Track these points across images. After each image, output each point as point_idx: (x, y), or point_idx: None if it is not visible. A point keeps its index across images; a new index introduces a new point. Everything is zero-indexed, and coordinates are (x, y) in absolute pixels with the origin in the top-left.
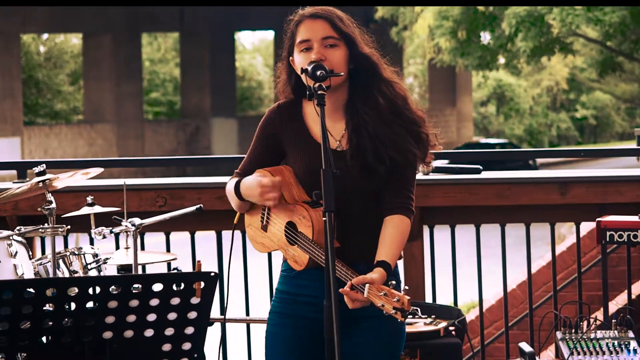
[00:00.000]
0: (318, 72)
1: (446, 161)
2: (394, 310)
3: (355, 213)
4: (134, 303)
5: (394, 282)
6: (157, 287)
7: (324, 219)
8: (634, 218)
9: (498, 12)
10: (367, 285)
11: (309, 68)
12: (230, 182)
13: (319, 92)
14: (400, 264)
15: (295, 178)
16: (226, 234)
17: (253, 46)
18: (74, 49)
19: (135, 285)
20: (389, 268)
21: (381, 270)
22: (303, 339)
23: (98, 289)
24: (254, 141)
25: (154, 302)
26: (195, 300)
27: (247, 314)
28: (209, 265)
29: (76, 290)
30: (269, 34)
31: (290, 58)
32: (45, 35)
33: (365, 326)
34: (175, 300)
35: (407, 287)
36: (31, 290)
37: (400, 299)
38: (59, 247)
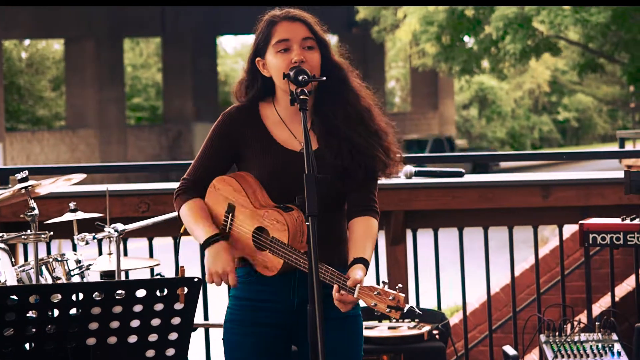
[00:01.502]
0: (300, 77)
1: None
2: (388, 309)
3: (325, 215)
4: (118, 309)
5: (386, 282)
6: (141, 293)
7: (307, 223)
8: (617, 220)
9: (482, 17)
10: (357, 285)
11: (291, 73)
12: (183, 206)
13: (302, 97)
14: (384, 267)
15: (258, 183)
16: None
17: (235, 51)
18: (56, 55)
19: (119, 292)
20: (368, 265)
21: (363, 267)
22: (266, 345)
23: (81, 296)
24: (206, 145)
25: (138, 308)
26: (178, 305)
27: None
28: (192, 270)
29: (59, 296)
30: (251, 39)
31: (257, 59)
32: (27, 41)
33: (328, 327)
34: (159, 306)
35: (401, 285)
36: (14, 297)
37: (395, 297)
38: (42, 253)
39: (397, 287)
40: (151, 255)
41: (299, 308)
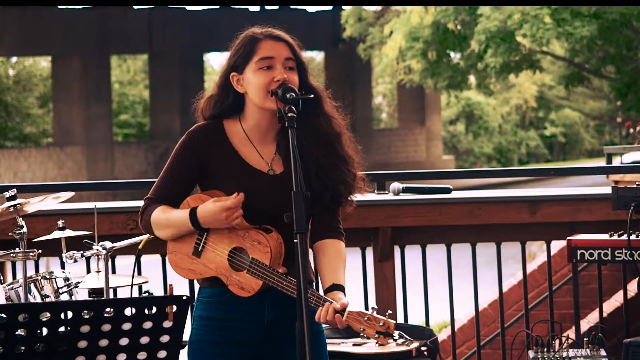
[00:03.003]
0: (288, 95)
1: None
2: (377, 335)
3: (291, 236)
4: (106, 327)
5: (376, 307)
6: (130, 311)
7: (295, 241)
8: (605, 236)
9: (468, 32)
10: (346, 309)
11: (279, 91)
12: (153, 212)
13: (289, 114)
14: (372, 284)
15: None
16: None
17: (222, 67)
18: (43, 72)
19: (108, 310)
20: (344, 291)
21: (342, 293)
22: None
23: (70, 314)
24: (171, 165)
25: (127, 326)
26: (167, 323)
27: None
28: (180, 288)
29: (48, 315)
30: None
31: (233, 74)
32: (14, 59)
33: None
34: (148, 324)
35: (390, 312)
36: (3, 315)
37: (385, 322)
38: (30, 271)
39: (387, 313)
40: (139, 273)
41: (270, 327)
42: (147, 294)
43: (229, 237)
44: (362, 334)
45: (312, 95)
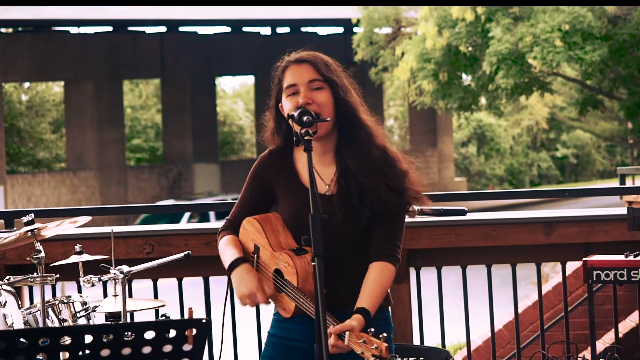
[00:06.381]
0: (304, 118)
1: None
2: (373, 358)
3: (341, 258)
4: (127, 351)
5: (372, 330)
6: (150, 334)
7: (313, 263)
8: (620, 257)
9: (479, 54)
10: (347, 332)
11: (296, 114)
12: (222, 240)
13: (306, 137)
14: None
15: (282, 224)
16: (214, 280)
17: (234, 91)
18: (56, 97)
19: (127, 333)
20: (368, 315)
21: (359, 317)
22: None
23: (90, 338)
24: (245, 188)
25: (147, 349)
26: (187, 347)
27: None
28: (197, 311)
29: (68, 339)
30: (250, 79)
31: (280, 105)
32: (27, 84)
33: None
34: (168, 348)
35: (385, 334)
36: (23, 339)
37: (378, 345)
38: (48, 295)
39: (380, 337)
40: (156, 296)
41: None
42: (164, 318)
43: (271, 259)
44: (364, 357)
45: (328, 119)
